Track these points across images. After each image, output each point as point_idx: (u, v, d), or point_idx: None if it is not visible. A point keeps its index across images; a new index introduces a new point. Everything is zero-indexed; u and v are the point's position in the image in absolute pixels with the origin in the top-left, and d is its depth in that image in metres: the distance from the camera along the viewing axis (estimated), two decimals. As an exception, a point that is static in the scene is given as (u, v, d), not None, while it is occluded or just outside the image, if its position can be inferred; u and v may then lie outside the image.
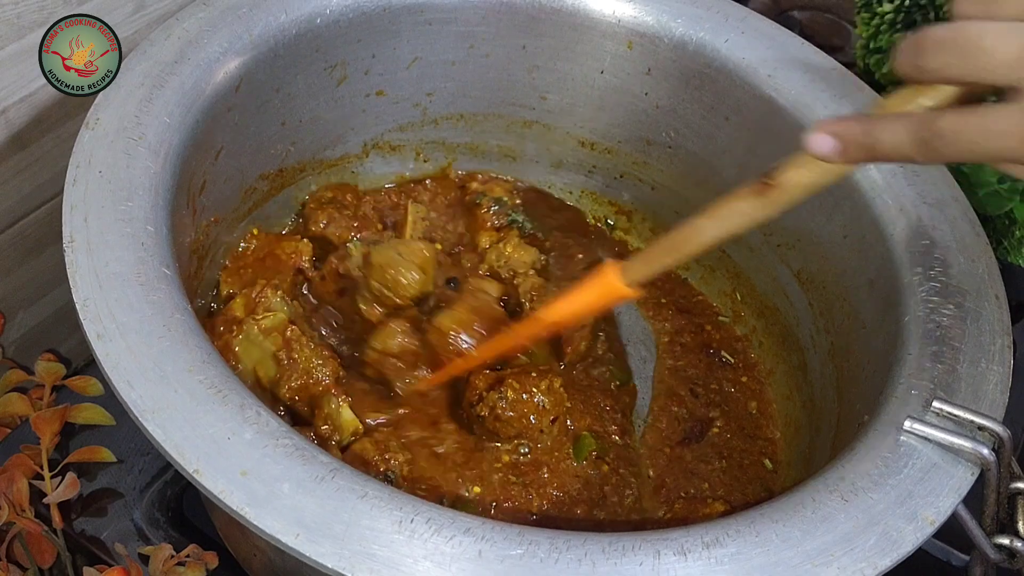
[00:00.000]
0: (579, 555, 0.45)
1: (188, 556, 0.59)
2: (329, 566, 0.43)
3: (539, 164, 0.86)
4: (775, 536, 0.47)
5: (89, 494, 0.69)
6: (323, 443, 0.63)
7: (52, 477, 0.61)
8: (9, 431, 0.65)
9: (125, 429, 0.69)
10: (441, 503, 0.60)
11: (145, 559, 0.59)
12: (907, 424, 0.52)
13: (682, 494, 0.70)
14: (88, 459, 0.64)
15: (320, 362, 0.66)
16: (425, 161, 0.84)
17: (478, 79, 0.80)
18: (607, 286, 0.58)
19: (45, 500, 0.60)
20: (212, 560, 0.59)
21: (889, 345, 0.60)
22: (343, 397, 0.64)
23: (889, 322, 0.61)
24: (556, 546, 0.45)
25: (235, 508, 0.44)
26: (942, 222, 0.64)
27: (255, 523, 0.44)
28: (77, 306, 0.49)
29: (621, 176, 0.84)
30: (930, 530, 0.49)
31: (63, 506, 0.62)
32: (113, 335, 0.48)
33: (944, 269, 0.61)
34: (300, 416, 0.66)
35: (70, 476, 0.60)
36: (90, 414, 0.64)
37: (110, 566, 0.58)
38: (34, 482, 0.60)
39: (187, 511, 0.70)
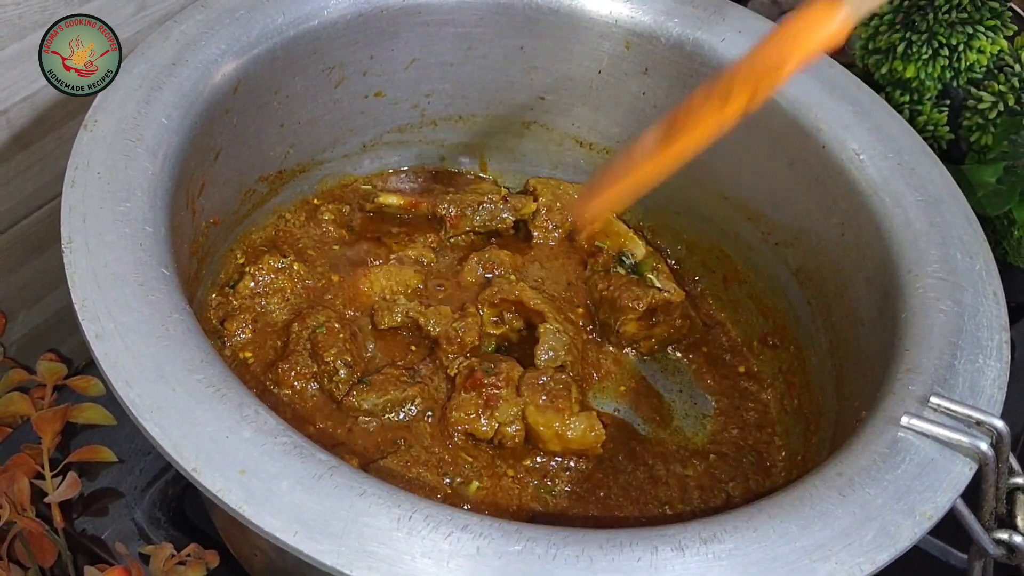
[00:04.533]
0: (577, 551, 0.45)
1: (189, 555, 0.59)
2: (328, 564, 0.43)
3: (538, 164, 0.86)
4: (773, 532, 0.47)
5: (90, 494, 0.69)
6: None
7: (53, 477, 0.61)
8: (11, 431, 0.66)
9: (126, 429, 0.69)
10: None
11: (146, 558, 0.59)
12: (904, 420, 0.52)
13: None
14: (89, 459, 0.64)
15: None
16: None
17: (476, 80, 0.80)
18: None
19: (46, 499, 0.60)
20: (213, 559, 0.60)
21: (887, 342, 0.60)
22: None
23: (887, 319, 0.61)
24: (554, 542, 0.45)
25: (233, 506, 0.44)
26: (939, 219, 0.64)
27: (254, 521, 0.44)
28: (76, 306, 0.50)
29: (619, 176, 0.84)
30: (928, 525, 0.49)
31: (64, 505, 0.62)
32: (112, 335, 0.49)
33: (941, 265, 0.61)
34: None
35: (71, 476, 0.60)
36: (91, 414, 0.64)
37: (111, 565, 0.58)
38: (35, 481, 0.60)
39: (188, 511, 0.70)
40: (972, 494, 0.52)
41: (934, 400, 0.53)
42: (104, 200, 0.54)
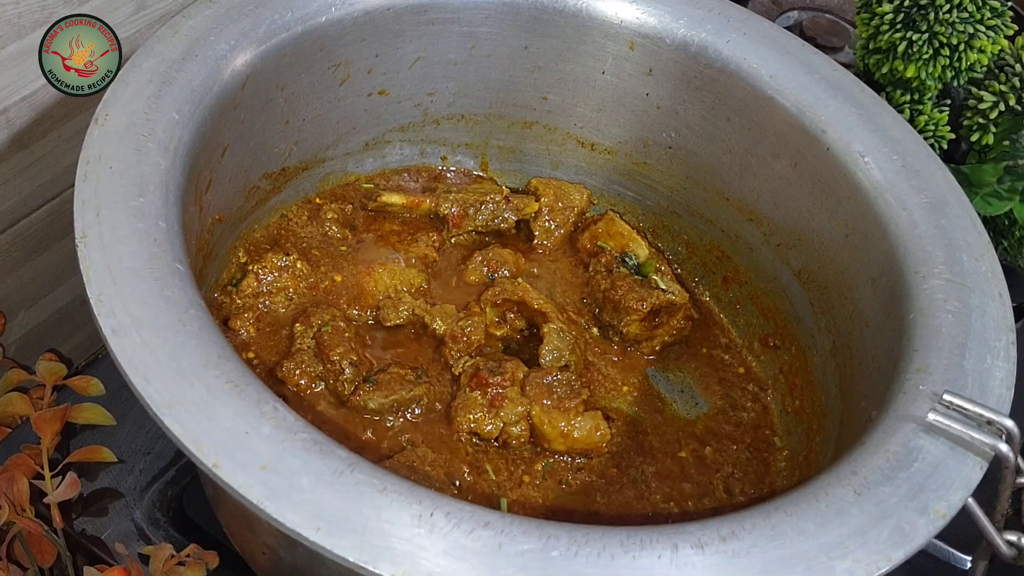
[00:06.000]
0: (598, 548, 0.45)
1: (188, 556, 0.59)
2: (351, 560, 0.43)
3: (539, 164, 0.86)
4: (790, 529, 0.47)
5: (90, 494, 0.68)
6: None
7: (53, 477, 0.60)
8: (10, 431, 0.65)
9: (126, 429, 0.69)
10: None
11: (145, 559, 0.59)
12: (931, 416, 0.52)
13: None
14: (89, 459, 0.64)
15: None
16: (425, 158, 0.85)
17: (480, 79, 0.80)
18: None
19: (46, 500, 0.60)
20: (212, 560, 0.59)
21: (894, 342, 0.60)
22: None
23: (893, 320, 0.62)
24: (575, 539, 0.45)
25: (255, 502, 0.44)
26: (944, 221, 0.65)
27: (276, 517, 0.43)
28: (91, 301, 0.49)
29: (621, 177, 0.85)
30: (941, 523, 0.49)
31: (64, 506, 0.62)
32: (128, 330, 0.48)
33: (947, 267, 0.62)
34: None
35: (71, 476, 0.60)
36: (91, 414, 0.64)
37: (111, 566, 0.58)
38: (35, 482, 0.60)
39: (188, 511, 0.70)
40: (977, 494, 0.52)
41: (947, 398, 0.53)
42: (117, 194, 0.53)
